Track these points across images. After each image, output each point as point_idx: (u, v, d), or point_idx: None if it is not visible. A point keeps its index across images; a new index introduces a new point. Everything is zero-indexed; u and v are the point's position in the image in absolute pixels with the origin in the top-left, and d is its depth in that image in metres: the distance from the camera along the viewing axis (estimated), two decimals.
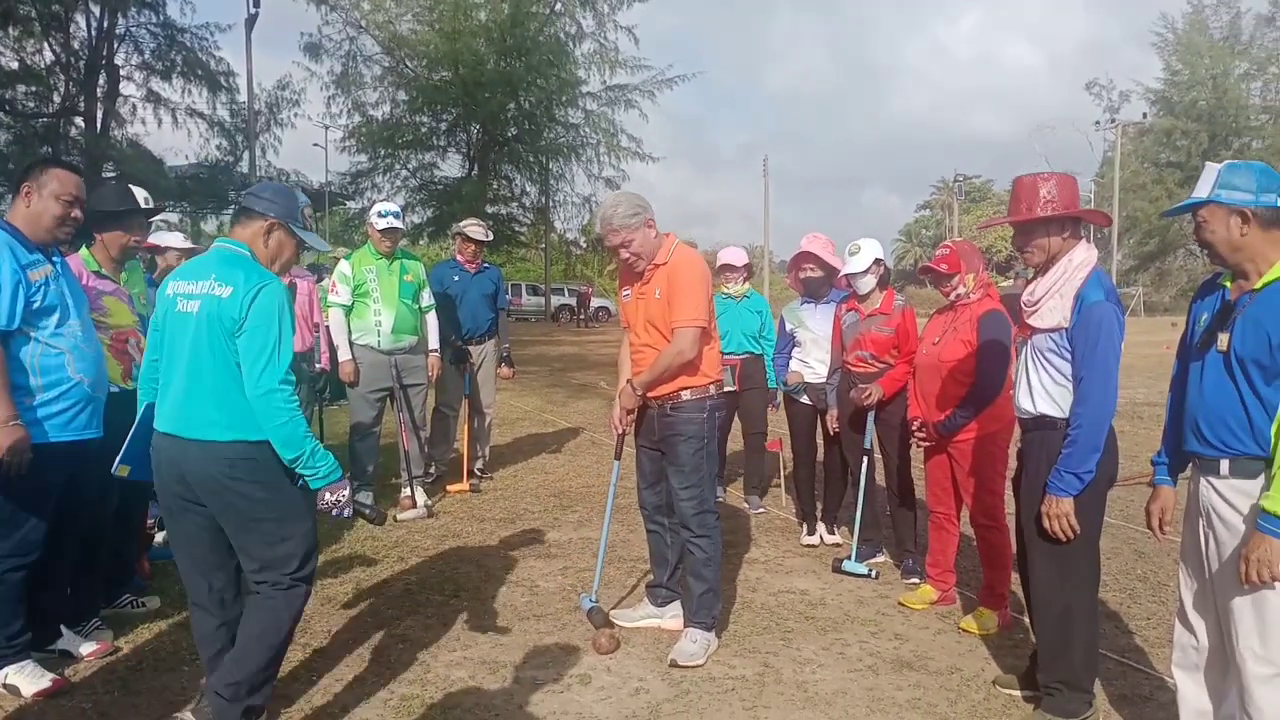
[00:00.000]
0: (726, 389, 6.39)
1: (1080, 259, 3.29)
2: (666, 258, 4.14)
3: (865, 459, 5.34)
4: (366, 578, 5.08)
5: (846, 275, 5.35)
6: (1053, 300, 3.29)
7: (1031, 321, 3.37)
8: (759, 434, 6.80)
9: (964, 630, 4.39)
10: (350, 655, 4.05)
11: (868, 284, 5.26)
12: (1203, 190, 2.78)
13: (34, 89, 22.35)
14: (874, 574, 5.18)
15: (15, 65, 21.66)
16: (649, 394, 4.17)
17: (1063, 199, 3.30)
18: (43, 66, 22.32)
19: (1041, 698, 3.48)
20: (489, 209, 28.67)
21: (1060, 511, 3.21)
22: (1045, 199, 3.29)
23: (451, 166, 30.51)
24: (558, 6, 28.19)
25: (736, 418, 6.62)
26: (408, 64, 28.24)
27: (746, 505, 6.76)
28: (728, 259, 6.74)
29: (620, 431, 4.39)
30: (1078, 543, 3.28)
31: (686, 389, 4.13)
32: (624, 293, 4.38)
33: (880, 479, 5.59)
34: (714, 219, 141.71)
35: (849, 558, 5.31)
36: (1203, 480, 2.85)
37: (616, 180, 30.71)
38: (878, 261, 5.27)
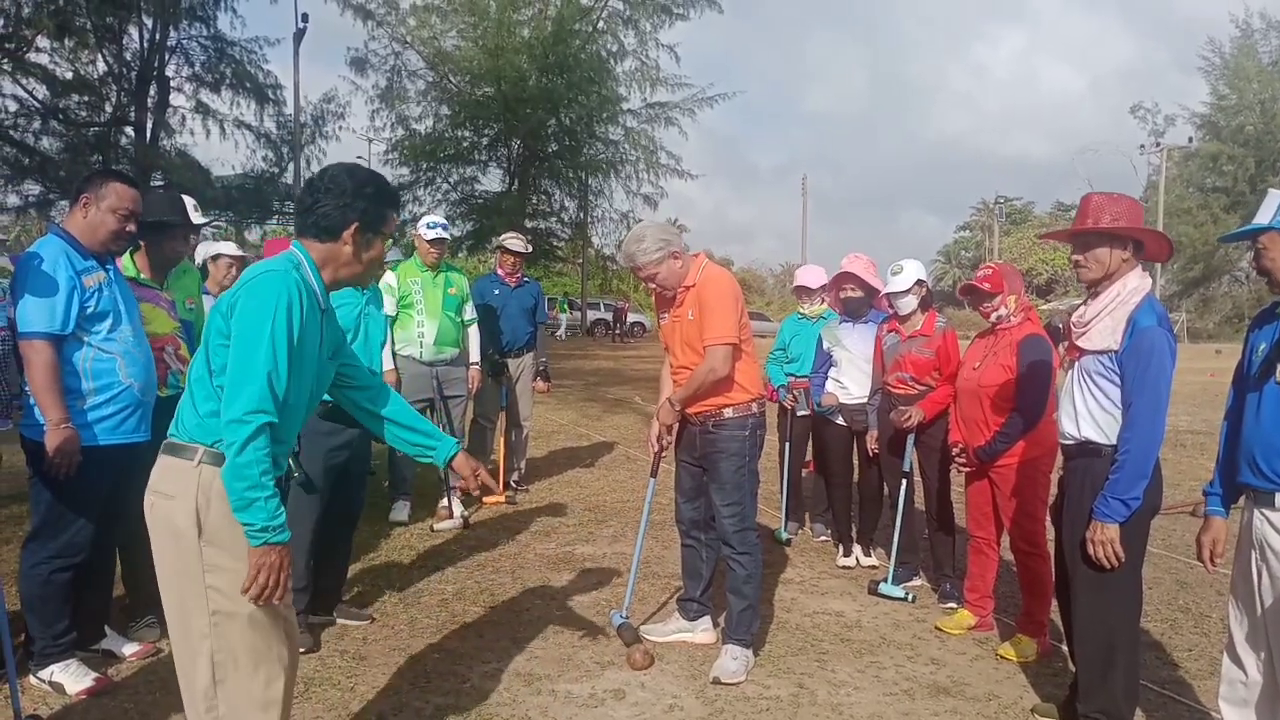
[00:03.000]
0: (801, 413, 6.38)
1: (1135, 284, 3.26)
2: (695, 279, 4.17)
3: (904, 481, 5.30)
4: (402, 587, 5.12)
5: (887, 295, 5.33)
6: (1104, 322, 3.26)
7: (1081, 343, 3.34)
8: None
9: (1002, 657, 4.34)
10: (386, 664, 4.07)
11: (909, 304, 5.23)
12: (1264, 216, 2.74)
13: (87, 99, 22.78)
14: (911, 597, 5.14)
15: (70, 75, 22.13)
16: (692, 411, 4.20)
17: (1129, 219, 3.28)
18: (96, 77, 22.76)
19: None
20: (528, 223, 28.82)
21: (1106, 538, 3.17)
22: (1113, 216, 3.28)
23: (492, 181, 30.75)
24: (600, 25, 28.36)
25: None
26: (451, 79, 28.52)
27: (810, 532, 6.61)
28: (803, 280, 6.57)
29: (657, 450, 4.40)
30: (1120, 571, 3.23)
31: (729, 406, 4.14)
32: (661, 316, 4.42)
33: (919, 502, 5.54)
34: (751, 236, 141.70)
35: (885, 580, 5.27)
36: (1256, 513, 2.81)
37: (655, 197, 30.81)
38: (920, 282, 5.24)
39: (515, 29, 27.43)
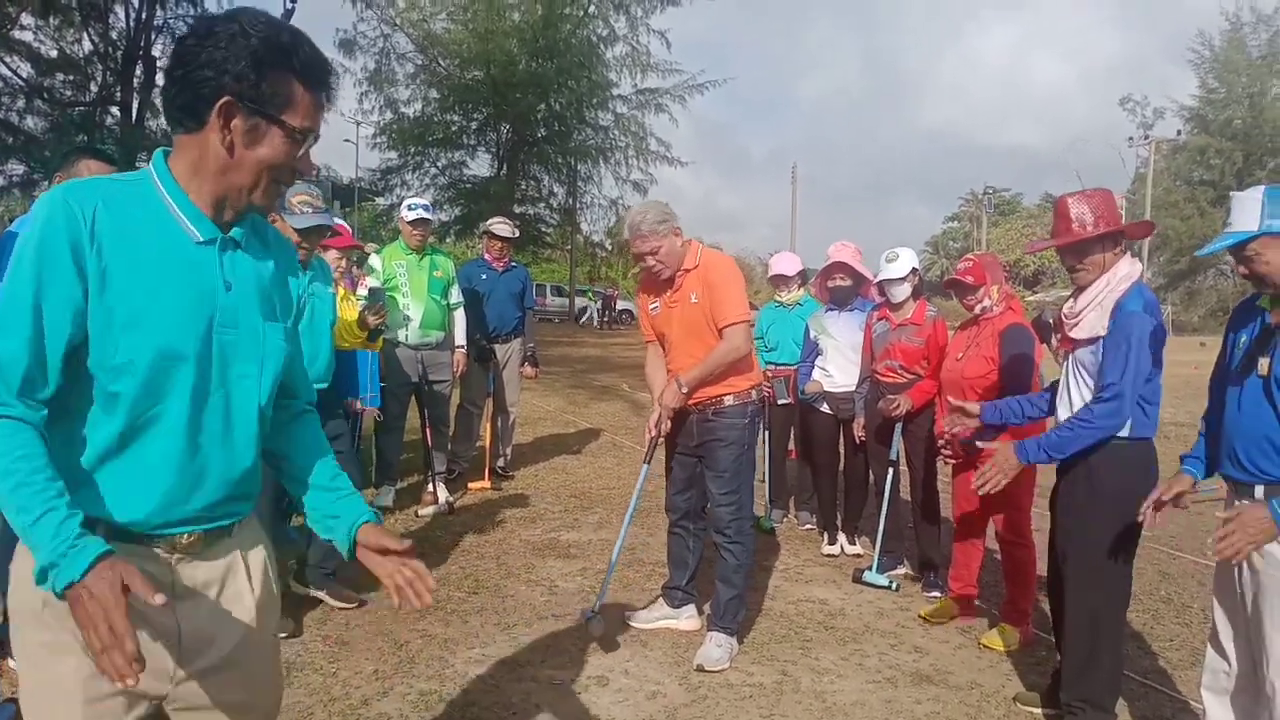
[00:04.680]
0: (781, 401, 6.36)
1: (1124, 272, 3.27)
2: (695, 262, 4.14)
3: (891, 470, 5.30)
4: None
5: (882, 282, 5.31)
6: (1093, 312, 3.27)
7: (1073, 334, 3.35)
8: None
9: (985, 646, 4.35)
10: (370, 649, 4.06)
11: (902, 292, 5.23)
12: (1249, 222, 2.68)
13: (72, 78, 22.57)
14: (895, 586, 5.15)
15: (55, 54, 21.92)
16: (691, 401, 4.14)
17: (1107, 215, 3.28)
18: (81, 56, 22.54)
19: (1063, 716, 3.44)
20: (517, 209, 28.75)
21: (1007, 468, 3.26)
22: (1094, 216, 3.27)
23: (480, 166, 30.68)
24: (591, 9, 28.22)
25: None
26: (440, 62, 28.36)
27: (795, 520, 6.60)
28: (779, 269, 6.56)
29: (655, 435, 4.27)
30: (1111, 563, 3.25)
31: (729, 394, 4.12)
32: (651, 305, 4.34)
33: (905, 491, 5.55)
34: (741, 225, 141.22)
35: (870, 569, 5.28)
36: (1237, 505, 2.81)
37: (644, 184, 30.80)
38: (914, 271, 5.24)
39: (505, 12, 27.30)
